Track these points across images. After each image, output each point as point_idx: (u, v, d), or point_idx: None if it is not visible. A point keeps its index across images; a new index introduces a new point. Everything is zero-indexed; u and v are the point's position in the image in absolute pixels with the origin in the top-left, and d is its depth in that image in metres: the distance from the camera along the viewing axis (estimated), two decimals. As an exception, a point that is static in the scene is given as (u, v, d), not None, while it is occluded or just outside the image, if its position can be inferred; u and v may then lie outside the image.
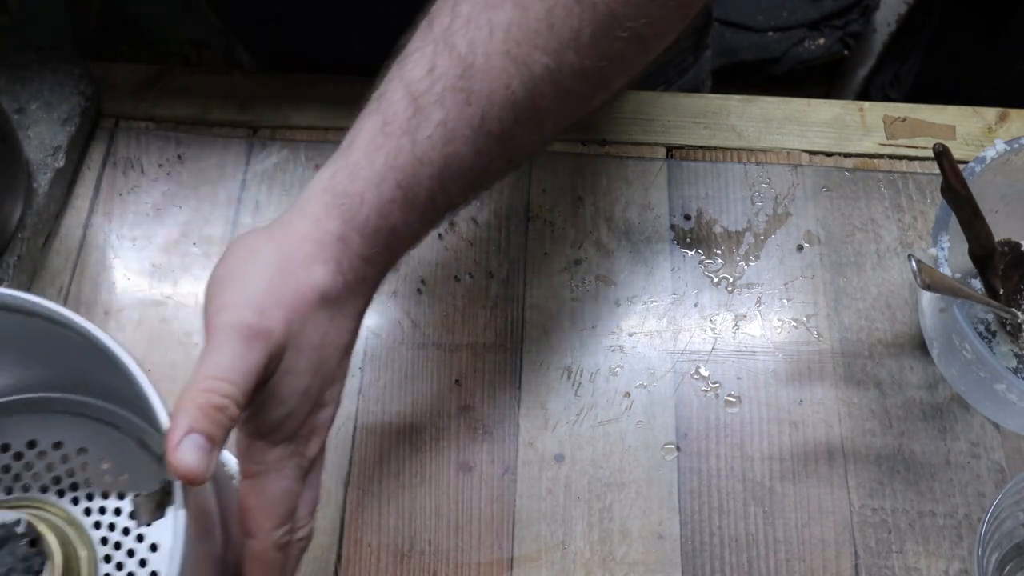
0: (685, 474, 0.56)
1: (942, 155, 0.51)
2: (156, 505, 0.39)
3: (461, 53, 0.43)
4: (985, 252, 0.56)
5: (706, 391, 0.59)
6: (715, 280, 0.63)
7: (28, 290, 0.61)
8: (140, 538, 0.44)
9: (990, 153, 0.55)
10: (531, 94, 0.44)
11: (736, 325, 0.61)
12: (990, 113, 0.69)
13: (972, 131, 0.68)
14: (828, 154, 0.68)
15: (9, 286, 0.60)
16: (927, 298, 0.57)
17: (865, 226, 0.65)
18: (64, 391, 0.46)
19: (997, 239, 0.56)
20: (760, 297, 0.62)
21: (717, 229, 0.64)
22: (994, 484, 0.56)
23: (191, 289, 0.62)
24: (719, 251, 0.64)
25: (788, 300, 0.62)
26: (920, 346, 0.60)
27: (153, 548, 0.44)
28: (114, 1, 1.22)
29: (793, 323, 0.61)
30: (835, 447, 0.57)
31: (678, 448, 0.57)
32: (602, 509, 0.55)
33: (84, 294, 0.61)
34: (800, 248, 0.64)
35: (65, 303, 0.61)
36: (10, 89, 0.65)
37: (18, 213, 0.61)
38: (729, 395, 0.59)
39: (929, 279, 0.49)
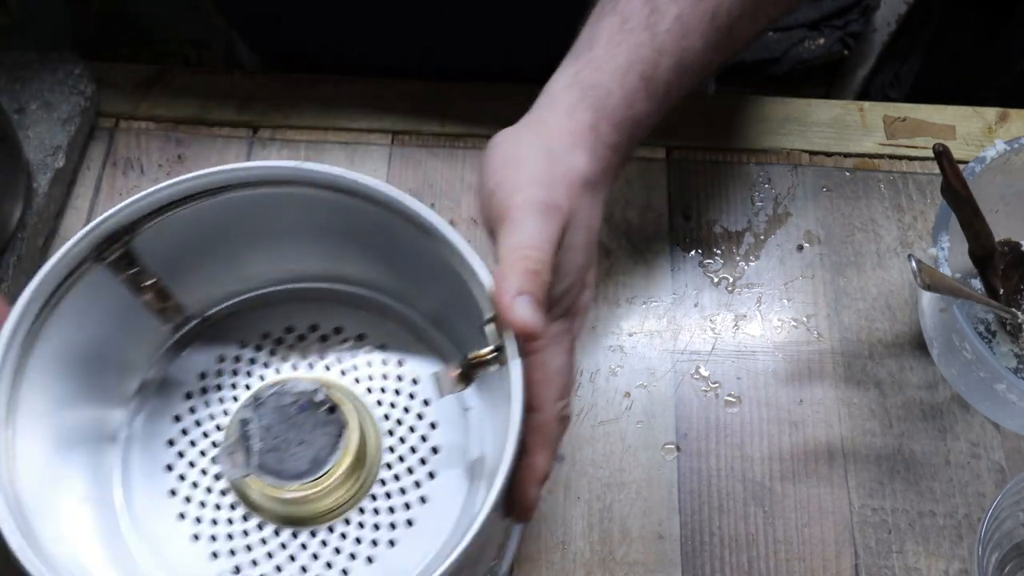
0: (685, 474, 0.56)
1: (942, 155, 0.51)
2: (458, 378, 0.42)
3: None
4: (985, 252, 0.56)
5: (706, 391, 0.59)
6: (715, 280, 0.63)
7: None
8: (420, 416, 0.48)
9: (990, 153, 0.55)
10: None
11: (736, 325, 0.61)
12: (990, 113, 0.69)
13: (972, 131, 0.68)
14: (828, 154, 0.68)
15: (9, 286, 0.60)
16: (927, 298, 0.56)
17: (865, 226, 0.65)
18: (344, 283, 0.51)
19: (997, 239, 0.56)
20: (760, 297, 0.62)
21: (717, 229, 0.64)
22: (994, 484, 0.56)
23: (191, 289, 0.62)
24: (719, 251, 0.64)
25: (788, 300, 0.62)
26: (920, 346, 0.60)
27: (432, 426, 0.48)
28: (114, 1, 1.22)
29: (793, 323, 0.61)
30: (835, 447, 0.57)
31: (678, 448, 0.57)
32: (602, 509, 0.55)
33: (84, 294, 0.61)
34: (800, 248, 0.64)
35: (65, 303, 0.61)
36: (10, 89, 0.65)
37: (18, 213, 0.61)
38: (729, 395, 0.59)
39: (929, 279, 0.49)
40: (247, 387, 0.49)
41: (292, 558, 0.45)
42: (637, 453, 0.57)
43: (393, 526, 0.46)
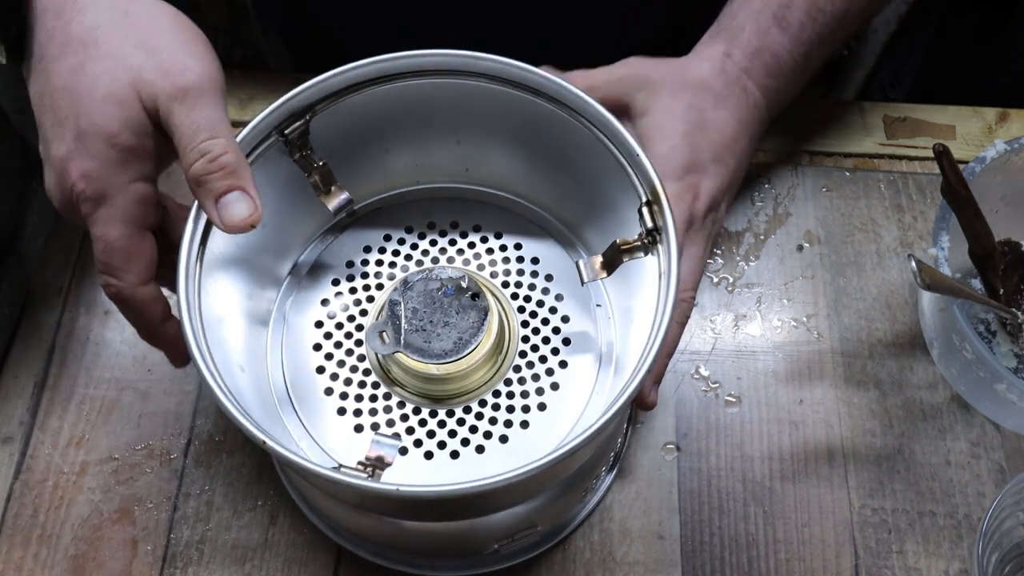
0: (685, 474, 0.56)
1: (942, 155, 0.51)
2: (602, 265, 0.47)
3: None
4: (985, 252, 0.56)
5: (706, 391, 0.59)
6: (715, 280, 0.63)
7: (27, 291, 0.61)
8: (553, 310, 0.51)
9: (990, 153, 0.55)
10: None
11: (736, 325, 0.61)
12: (990, 113, 0.69)
13: (972, 131, 0.68)
14: (828, 154, 0.68)
15: (9, 286, 0.60)
16: (927, 298, 0.56)
17: (865, 226, 0.65)
18: (483, 185, 0.54)
19: (997, 239, 0.56)
20: (760, 297, 0.62)
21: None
22: (994, 484, 0.56)
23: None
24: (719, 251, 0.64)
25: (788, 300, 0.62)
26: (920, 346, 0.60)
27: (565, 319, 0.51)
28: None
29: (793, 323, 0.61)
30: (835, 447, 0.57)
31: (678, 448, 0.57)
32: (602, 509, 0.55)
33: (84, 294, 0.61)
34: (800, 248, 0.64)
35: (65, 303, 0.61)
36: (10, 89, 0.65)
37: (18, 213, 0.61)
38: (729, 395, 0.59)
39: (929, 279, 0.49)
40: (391, 276, 0.52)
41: (431, 434, 0.48)
42: (637, 453, 0.57)
43: (527, 409, 0.48)
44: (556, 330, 0.50)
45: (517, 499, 0.45)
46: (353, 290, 0.52)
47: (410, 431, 0.48)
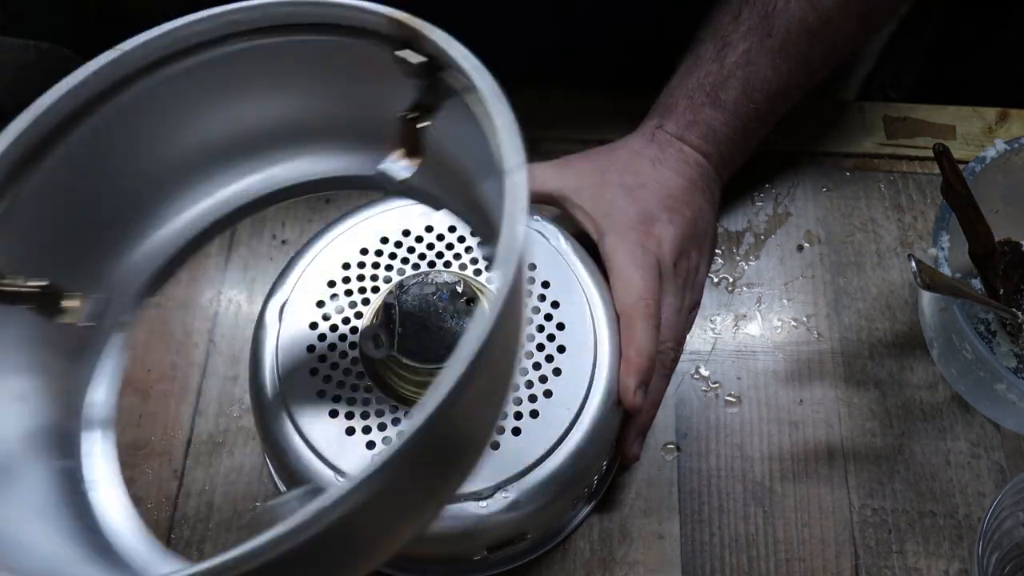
0: (685, 474, 0.56)
1: (942, 155, 0.51)
2: (406, 153, 0.42)
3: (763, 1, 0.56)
4: (985, 252, 0.56)
5: (706, 391, 0.59)
6: (715, 280, 0.63)
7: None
8: (549, 317, 0.51)
9: (990, 153, 0.55)
10: (824, 22, 0.56)
11: (736, 325, 0.61)
12: (990, 113, 0.69)
13: (972, 131, 0.68)
14: (828, 154, 0.68)
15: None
16: (927, 298, 0.56)
17: (865, 226, 0.65)
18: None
19: (997, 239, 0.56)
20: (760, 297, 0.62)
21: (717, 229, 0.64)
22: (994, 484, 0.56)
23: (190, 291, 0.62)
24: (719, 251, 0.64)
25: (788, 300, 0.62)
26: (920, 346, 0.60)
27: (560, 327, 0.51)
28: (113, 1, 1.22)
29: (793, 323, 0.61)
30: (835, 447, 0.57)
31: (678, 448, 0.57)
32: (602, 509, 0.55)
33: (84, 294, 0.61)
34: (800, 248, 0.64)
35: (65, 303, 0.61)
36: (9, 88, 0.65)
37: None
38: (729, 395, 0.59)
39: (929, 279, 0.49)
40: (387, 280, 0.52)
41: None
42: (637, 453, 0.57)
43: (519, 416, 0.48)
44: (551, 337, 0.50)
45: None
46: (349, 292, 0.51)
47: (401, 435, 0.47)
